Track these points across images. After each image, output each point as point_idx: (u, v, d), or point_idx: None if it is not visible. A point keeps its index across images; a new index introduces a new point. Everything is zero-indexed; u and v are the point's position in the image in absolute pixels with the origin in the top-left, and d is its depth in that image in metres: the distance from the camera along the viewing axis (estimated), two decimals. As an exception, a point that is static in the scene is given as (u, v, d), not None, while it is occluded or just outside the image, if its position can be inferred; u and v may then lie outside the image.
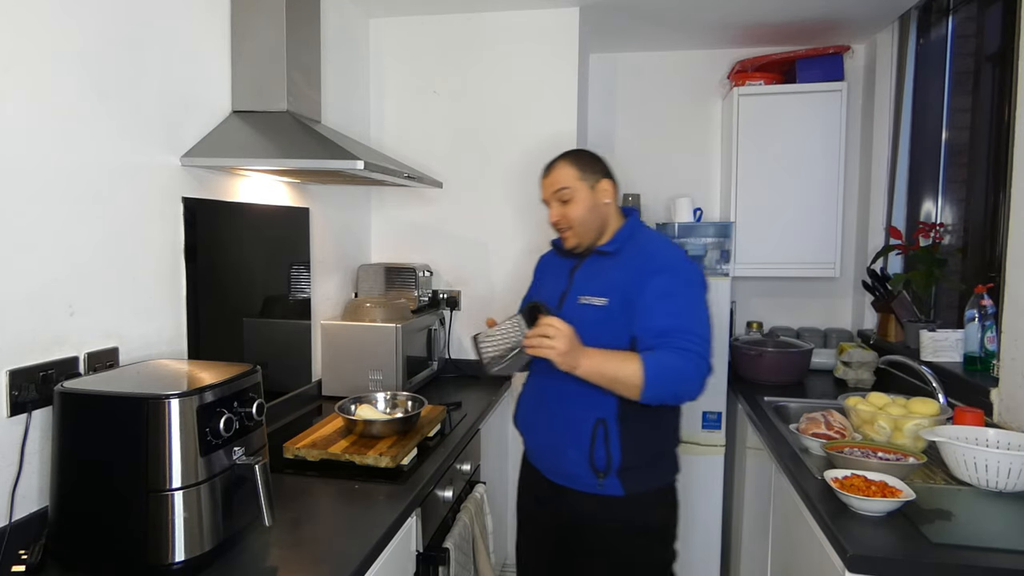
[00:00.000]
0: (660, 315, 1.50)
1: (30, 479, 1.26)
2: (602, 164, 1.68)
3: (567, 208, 1.63)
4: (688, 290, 1.54)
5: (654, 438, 1.60)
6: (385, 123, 2.78)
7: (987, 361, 2.02)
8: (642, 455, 1.57)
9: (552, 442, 1.64)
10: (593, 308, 1.57)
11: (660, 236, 1.71)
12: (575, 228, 1.64)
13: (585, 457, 1.56)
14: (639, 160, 3.19)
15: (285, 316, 2.14)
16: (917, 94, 2.67)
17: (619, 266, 1.59)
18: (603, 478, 1.56)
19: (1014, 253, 1.81)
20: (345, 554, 1.24)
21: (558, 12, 2.59)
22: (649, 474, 1.60)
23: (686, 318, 1.50)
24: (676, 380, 1.46)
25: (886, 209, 2.78)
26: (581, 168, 1.63)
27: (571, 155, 1.68)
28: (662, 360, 1.45)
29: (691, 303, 1.53)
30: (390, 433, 1.79)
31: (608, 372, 1.48)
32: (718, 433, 2.57)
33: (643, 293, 1.52)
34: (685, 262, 1.59)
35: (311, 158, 1.64)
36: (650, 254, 1.59)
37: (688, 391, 1.48)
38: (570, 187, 1.62)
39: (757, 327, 3.03)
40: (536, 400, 1.69)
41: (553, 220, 1.66)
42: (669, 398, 1.50)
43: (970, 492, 1.49)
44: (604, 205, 1.64)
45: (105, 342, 1.42)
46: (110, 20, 1.41)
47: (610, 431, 1.55)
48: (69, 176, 1.33)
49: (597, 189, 1.64)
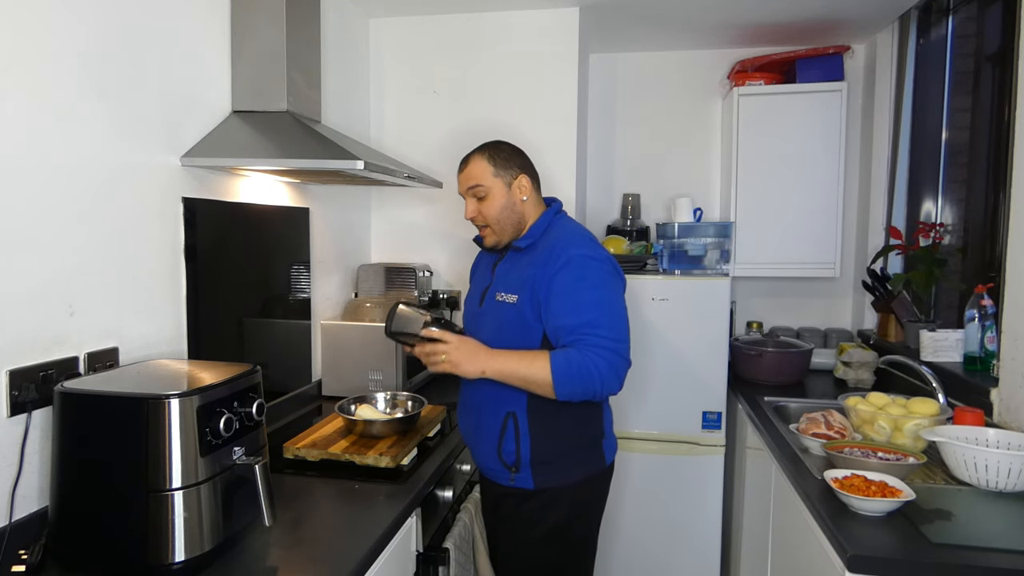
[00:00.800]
0: (567, 312, 1.49)
1: (30, 479, 1.26)
2: (520, 158, 1.65)
3: (482, 205, 1.61)
4: (597, 283, 1.51)
5: (568, 432, 1.58)
6: (385, 123, 2.78)
7: (987, 361, 2.02)
8: (555, 449, 1.57)
9: (471, 435, 1.68)
10: (506, 305, 1.57)
11: (573, 229, 1.64)
12: (491, 226, 1.62)
13: (495, 450, 1.59)
14: (639, 160, 3.19)
15: (285, 316, 2.14)
16: (917, 94, 2.67)
17: (530, 262, 1.57)
18: (515, 472, 1.57)
19: (1014, 253, 1.81)
20: (345, 554, 1.24)
21: (558, 12, 2.59)
22: (562, 469, 1.58)
23: (594, 312, 1.48)
24: (585, 378, 1.45)
25: (886, 209, 2.78)
26: (496, 164, 1.60)
27: (487, 150, 1.63)
28: (570, 358, 1.45)
29: (600, 297, 1.50)
30: (390, 433, 1.79)
31: (518, 373, 1.48)
32: (718, 433, 2.57)
33: (550, 290, 1.51)
34: (591, 255, 1.53)
35: (311, 158, 1.64)
36: (556, 250, 1.54)
37: (603, 387, 1.47)
38: (484, 184, 1.59)
39: (757, 327, 3.03)
40: (463, 396, 1.72)
41: (468, 217, 1.64)
42: (584, 395, 1.48)
43: (970, 492, 1.49)
44: (521, 203, 1.62)
45: (105, 342, 1.42)
46: (110, 20, 1.41)
47: (520, 424, 1.56)
48: (69, 176, 1.33)
49: (514, 187, 1.61)
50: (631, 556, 2.66)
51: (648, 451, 2.61)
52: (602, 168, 3.21)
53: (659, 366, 2.58)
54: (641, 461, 2.62)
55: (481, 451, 1.64)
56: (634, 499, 2.63)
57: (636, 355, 2.56)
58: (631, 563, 2.66)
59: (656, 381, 2.58)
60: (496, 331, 1.58)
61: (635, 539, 2.65)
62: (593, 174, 3.19)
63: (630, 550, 2.66)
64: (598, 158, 3.20)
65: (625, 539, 2.66)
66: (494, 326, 1.58)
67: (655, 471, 2.61)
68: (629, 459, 2.62)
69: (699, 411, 2.58)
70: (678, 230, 2.73)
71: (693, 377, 2.56)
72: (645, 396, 2.60)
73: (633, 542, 2.65)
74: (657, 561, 2.64)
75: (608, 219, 3.19)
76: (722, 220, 2.97)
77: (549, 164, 2.64)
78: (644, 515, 2.64)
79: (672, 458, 2.60)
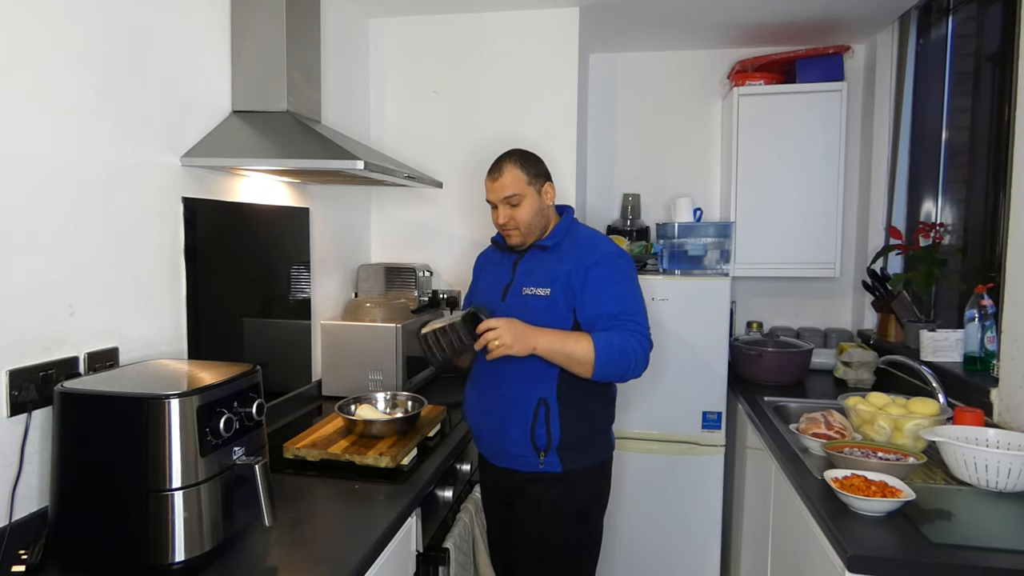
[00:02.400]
0: (605, 302, 1.64)
1: (30, 479, 1.26)
2: (544, 166, 1.77)
3: (516, 211, 1.71)
4: (627, 278, 1.69)
5: (592, 416, 1.73)
6: (385, 123, 2.78)
7: (987, 361, 2.02)
8: (581, 433, 1.69)
9: (496, 424, 1.72)
10: (536, 298, 1.68)
11: (593, 230, 1.84)
12: (521, 229, 1.72)
13: (527, 436, 1.66)
14: (639, 160, 3.19)
15: (285, 316, 2.14)
16: (917, 94, 2.67)
17: (559, 259, 1.70)
18: (544, 456, 1.67)
19: (1014, 253, 1.81)
20: (345, 554, 1.24)
21: (558, 12, 2.59)
22: (586, 452, 1.71)
23: (628, 303, 1.65)
24: (624, 357, 1.59)
25: (886, 209, 2.78)
26: (528, 173, 1.71)
27: (518, 159, 1.72)
28: (612, 340, 1.59)
29: (630, 290, 1.68)
30: (390, 433, 1.79)
31: (565, 349, 1.59)
32: (718, 433, 2.57)
33: (586, 282, 1.65)
34: (620, 253, 1.73)
35: (311, 158, 1.64)
36: (588, 247, 1.71)
37: (635, 367, 1.62)
38: (519, 193, 1.69)
39: (757, 327, 3.03)
40: (481, 385, 1.77)
41: (501, 222, 1.72)
42: (617, 375, 1.62)
43: (970, 492, 1.49)
44: (548, 207, 1.75)
45: (105, 342, 1.42)
46: (110, 20, 1.41)
47: (551, 410, 1.65)
48: (69, 176, 1.33)
49: (543, 192, 1.73)
50: (632, 556, 2.66)
51: (648, 451, 2.61)
52: (602, 168, 3.21)
53: (659, 366, 2.57)
54: (641, 461, 2.62)
55: (510, 439, 1.69)
56: (634, 499, 2.63)
57: (636, 355, 2.58)
58: (632, 563, 2.66)
59: (656, 381, 2.58)
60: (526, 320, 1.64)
61: (636, 539, 2.65)
62: (593, 174, 3.19)
63: (631, 550, 2.66)
64: (598, 158, 3.20)
65: (626, 539, 2.66)
66: (524, 318, 1.64)
67: (655, 471, 2.61)
68: (630, 459, 2.62)
69: (699, 411, 2.58)
70: (678, 230, 2.73)
71: (693, 377, 2.57)
72: (645, 396, 2.60)
73: (634, 542, 2.65)
74: (657, 561, 2.64)
75: (608, 219, 3.19)
76: (722, 220, 2.97)
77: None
78: (644, 515, 2.64)
79: (672, 458, 2.60)
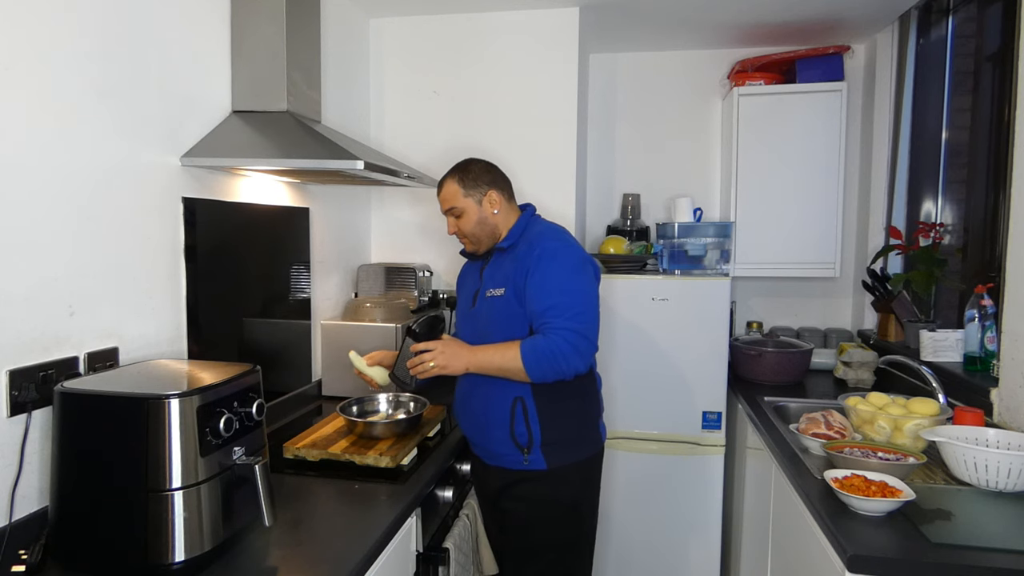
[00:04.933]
0: (538, 298, 1.65)
1: (30, 479, 1.26)
2: (490, 174, 1.80)
3: (459, 222, 1.78)
4: (563, 270, 1.66)
5: (572, 412, 1.74)
6: (385, 123, 2.78)
7: (987, 361, 2.02)
8: (563, 429, 1.71)
9: (480, 423, 1.76)
10: (495, 299, 1.73)
11: (549, 227, 1.81)
12: (469, 238, 1.80)
13: (508, 435, 1.70)
14: (639, 160, 3.19)
15: (285, 316, 2.14)
16: (917, 94, 2.67)
17: (513, 258, 1.73)
18: (527, 453, 1.69)
19: (1014, 253, 1.81)
20: (345, 554, 1.24)
21: (558, 12, 2.59)
22: (572, 448, 1.73)
23: (559, 297, 1.63)
24: (553, 360, 1.59)
25: (886, 209, 2.78)
26: (466, 185, 1.76)
27: (457, 173, 1.79)
28: (536, 344, 1.61)
29: (565, 282, 1.65)
30: (391, 434, 1.79)
31: (495, 363, 1.65)
32: (718, 433, 2.57)
33: (527, 279, 1.67)
34: (563, 247, 1.71)
35: (311, 158, 1.64)
36: (533, 243, 1.71)
37: (568, 367, 1.60)
38: (457, 205, 1.76)
39: (757, 327, 3.03)
40: (465, 388, 1.81)
41: (449, 233, 1.82)
42: (555, 376, 1.62)
43: (970, 492, 1.49)
44: (492, 215, 1.78)
45: (105, 342, 1.42)
46: (110, 19, 1.41)
47: (528, 407, 1.68)
48: (69, 175, 1.33)
49: (484, 202, 1.77)
50: (631, 556, 2.66)
51: (648, 451, 2.61)
52: (602, 168, 3.21)
53: (659, 366, 2.58)
54: (641, 461, 2.62)
55: (493, 438, 1.73)
56: (634, 499, 2.63)
57: (636, 355, 2.59)
58: (631, 563, 2.66)
59: (656, 381, 2.58)
60: (489, 324, 1.73)
61: (635, 539, 2.65)
62: (593, 174, 3.19)
63: (630, 550, 2.66)
64: (598, 158, 3.20)
65: (625, 539, 2.66)
66: (487, 319, 1.74)
67: (655, 471, 2.61)
68: (630, 459, 2.62)
69: (699, 411, 2.58)
70: (678, 230, 2.73)
71: (693, 377, 2.57)
72: (645, 396, 2.60)
73: (633, 542, 2.65)
74: (657, 561, 2.64)
75: (608, 219, 3.19)
76: (722, 220, 2.97)
77: (549, 164, 2.64)
78: (644, 515, 2.64)
79: (672, 458, 2.60)
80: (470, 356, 1.67)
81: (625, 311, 2.60)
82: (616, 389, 2.60)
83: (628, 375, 2.60)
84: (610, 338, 2.60)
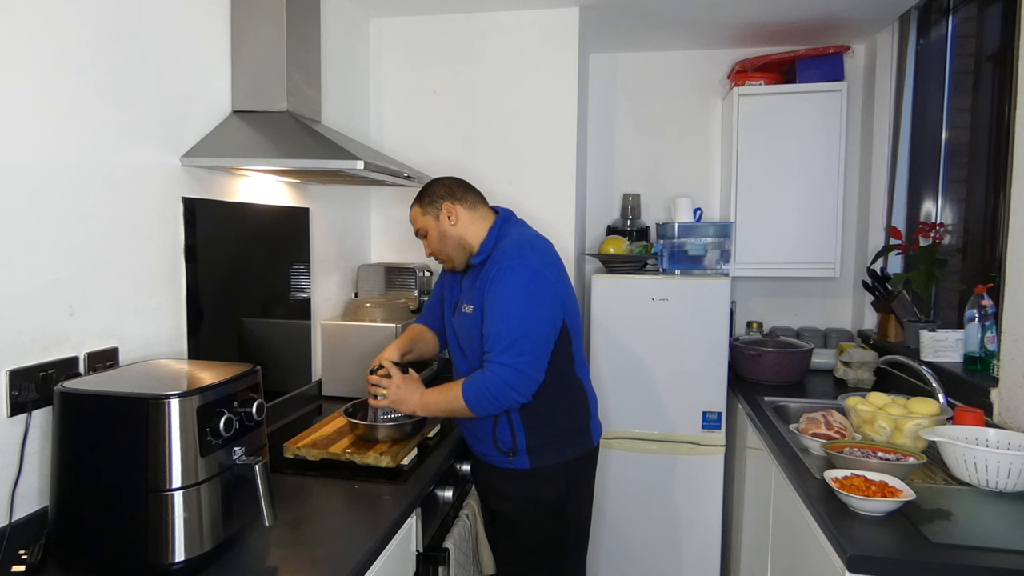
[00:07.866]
0: (486, 323, 1.64)
1: (30, 479, 1.26)
2: (444, 189, 1.77)
3: (428, 242, 1.80)
4: (510, 292, 1.61)
5: (558, 419, 1.74)
6: (385, 123, 2.78)
7: (987, 361, 2.02)
8: (547, 436, 1.72)
9: (468, 430, 1.81)
10: (468, 315, 1.73)
11: (516, 237, 1.72)
12: (438, 256, 1.80)
13: (490, 441, 1.73)
14: (639, 160, 3.19)
15: (285, 316, 2.14)
16: (917, 94, 2.67)
17: (483, 275, 1.70)
18: (512, 456, 1.72)
19: (1014, 253, 1.81)
20: (345, 554, 1.24)
21: (558, 12, 2.59)
22: (557, 449, 1.73)
23: (500, 323, 1.60)
24: (491, 396, 1.60)
25: (886, 209, 2.78)
26: (423, 204, 1.77)
27: (418, 194, 1.79)
28: (476, 382, 1.62)
29: (509, 306, 1.60)
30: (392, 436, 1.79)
31: (441, 406, 1.69)
32: (718, 433, 2.57)
33: (484, 300, 1.66)
34: (519, 264, 1.63)
35: (311, 158, 1.64)
36: (496, 260, 1.67)
37: (508, 399, 1.61)
38: (420, 226, 1.78)
39: (757, 327, 3.03)
40: None
41: (426, 255, 1.85)
42: (497, 409, 1.64)
43: (970, 492, 1.49)
44: (452, 227, 1.75)
45: (105, 342, 1.42)
46: (110, 19, 1.41)
47: (513, 419, 1.70)
48: (69, 175, 1.33)
49: (442, 216, 1.75)
50: (631, 556, 2.66)
51: (648, 451, 2.61)
52: (602, 168, 3.21)
53: (659, 366, 2.58)
54: (641, 461, 2.62)
55: (479, 441, 1.78)
56: (634, 499, 2.63)
57: (636, 355, 2.59)
58: (631, 563, 2.66)
59: (656, 381, 2.58)
60: (464, 339, 1.75)
61: (635, 539, 2.65)
62: (593, 174, 3.19)
63: (630, 550, 2.66)
64: (598, 158, 3.20)
65: (625, 539, 2.66)
66: (464, 335, 1.75)
67: (655, 471, 2.61)
68: (629, 459, 2.62)
69: (699, 411, 2.58)
70: (678, 230, 2.73)
71: (693, 377, 2.57)
72: (645, 396, 2.60)
73: (633, 542, 2.65)
74: (657, 561, 2.64)
75: (608, 219, 3.19)
76: (722, 220, 2.97)
77: (549, 164, 2.64)
78: (644, 515, 2.64)
79: (672, 458, 2.60)
80: (420, 399, 1.70)
81: (625, 311, 2.60)
82: (616, 389, 2.60)
83: (628, 375, 2.60)
84: (610, 338, 2.60)
